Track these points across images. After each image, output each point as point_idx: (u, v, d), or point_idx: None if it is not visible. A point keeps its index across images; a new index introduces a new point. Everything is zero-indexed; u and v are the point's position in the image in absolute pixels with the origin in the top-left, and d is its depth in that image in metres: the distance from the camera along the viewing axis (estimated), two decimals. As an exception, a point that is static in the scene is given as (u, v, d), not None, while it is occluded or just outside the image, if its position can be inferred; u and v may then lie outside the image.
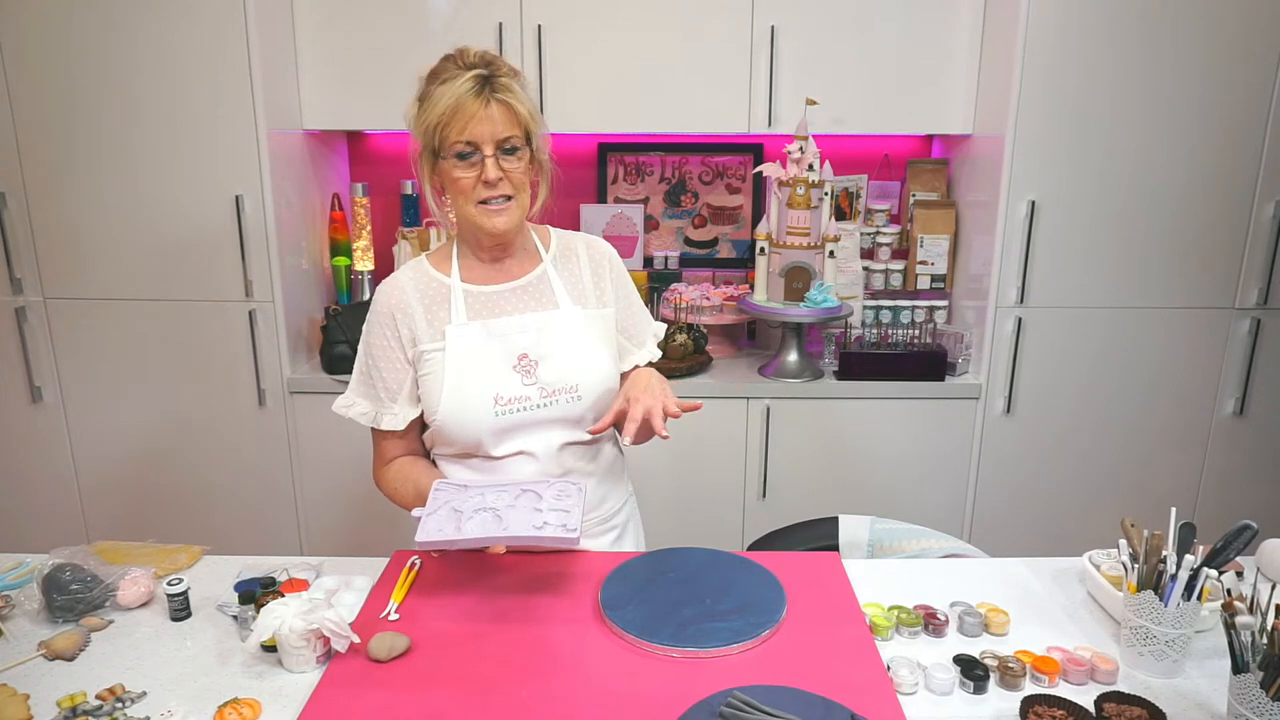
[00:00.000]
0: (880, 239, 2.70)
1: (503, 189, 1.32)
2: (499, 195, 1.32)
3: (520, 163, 1.32)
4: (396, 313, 1.39)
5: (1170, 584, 1.13)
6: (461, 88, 1.27)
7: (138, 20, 2.22)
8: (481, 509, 1.27)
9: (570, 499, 1.29)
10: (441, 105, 1.27)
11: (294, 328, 2.48)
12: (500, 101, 1.28)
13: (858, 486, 2.50)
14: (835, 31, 2.42)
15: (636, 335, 1.51)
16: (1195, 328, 2.43)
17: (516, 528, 1.23)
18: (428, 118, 1.29)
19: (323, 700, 1.09)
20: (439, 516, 1.26)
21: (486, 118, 1.28)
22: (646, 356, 1.52)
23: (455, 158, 1.30)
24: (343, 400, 1.44)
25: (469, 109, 1.27)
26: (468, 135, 1.28)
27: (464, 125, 1.27)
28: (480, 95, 1.27)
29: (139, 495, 2.53)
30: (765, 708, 1.02)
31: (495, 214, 1.33)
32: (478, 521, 1.24)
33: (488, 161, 1.29)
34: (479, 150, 1.29)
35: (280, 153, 2.37)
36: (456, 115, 1.27)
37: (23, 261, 2.38)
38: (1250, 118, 2.29)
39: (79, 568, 1.29)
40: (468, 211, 1.34)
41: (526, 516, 1.25)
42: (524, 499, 1.29)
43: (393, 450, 1.45)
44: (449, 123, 1.28)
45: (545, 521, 1.24)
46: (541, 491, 1.30)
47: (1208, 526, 1.17)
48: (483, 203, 1.33)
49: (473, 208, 1.33)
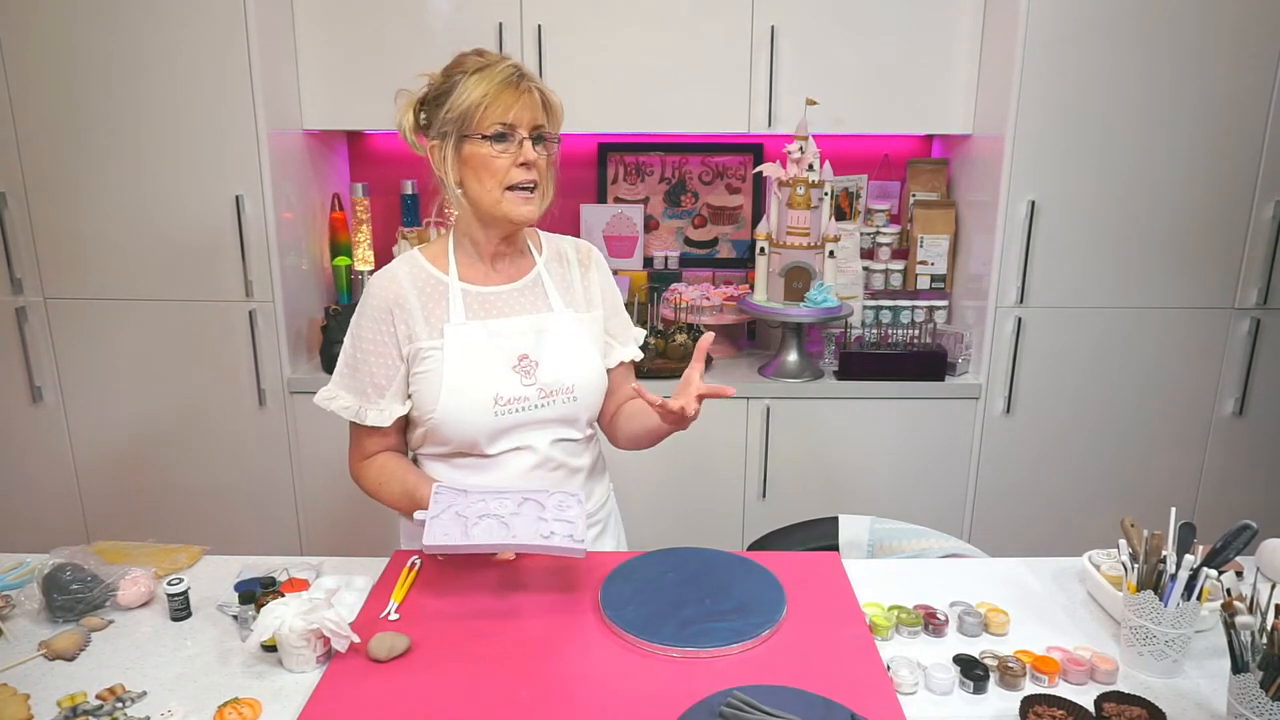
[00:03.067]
0: (880, 239, 2.70)
1: (532, 174, 1.33)
2: (530, 181, 1.33)
3: (548, 154, 1.35)
4: (394, 308, 1.36)
5: (1170, 584, 1.14)
6: (501, 73, 1.29)
7: (138, 20, 2.22)
8: (486, 515, 1.27)
9: (572, 510, 1.30)
10: (481, 88, 1.28)
11: (294, 328, 2.48)
12: (538, 90, 1.33)
13: (858, 486, 2.50)
14: (835, 31, 2.42)
15: (620, 335, 1.52)
16: (1195, 328, 2.43)
17: (524, 536, 1.24)
18: (463, 100, 1.29)
19: (323, 700, 1.09)
20: (444, 521, 1.26)
21: (527, 104, 1.31)
22: (631, 354, 1.52)
23: (490, 140, 1.30)
24: (325, 393, 1.40)
25: (510, 92, 1.29)
26: (508, 117, 1.29)
27: (506, 108, 1.29)
28: (521, 81, 1.31)
29: (139, 495, 2.53)
30: (765, 708, 1.02)
31: (524, 202, 1.33)
32: (484, 528, 1.25)
33: (525, 144, 1.31)
34: (515, 133, 1.31)
35: (280, 153, 2.37)
36: (499, 97, 1.29)
37: (23, 261, 2.39)
38: (1250, 118, 2.29)
39: (79, 568, 1.29)
40: (493, 197, 1.33)
41: (533, 525, 1.26)
42: (527, 507, 1.30)
43: (374, 445, 1.42)
44: (490, 104, 1.28)
45: (552, 531, 1.26)
46: (544, 501, 1.31)
47: (1207, 526, 1.17)
48: (511, 189, 1.32)
49: (500, 193, 1.32)
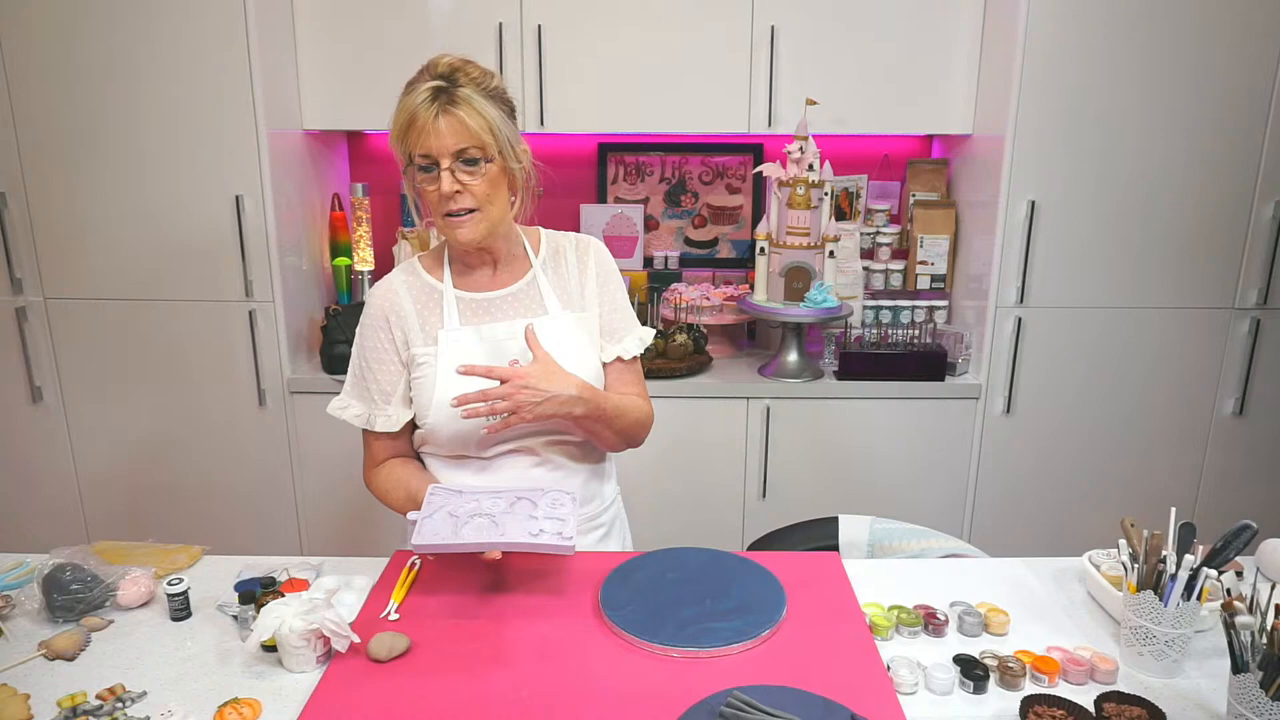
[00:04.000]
0: (880, 239, 2.70)
1: (462, 202, 1.30)
2: (460, 209, 1.31)
3: (482, 175, 1.29)
4: (390, 315, 1.40)
5: (1170, 584, 1.14)
6: (415, 100, 1.25)
7: (138, 20, 2.22)
8: (477, 514, 1.28)
9: (564, 508, 1.31)
10: (399, 118, 1.28)
11: (294, 328, 2.48)
12: (450, 114, 1.25)
13: (858, 486, 2.50)
14: (835, 31, 2.42)
15: (612, 332, 1.47)
16: (1195, 327, 2.43)
17: (513, 534, 1.25)
18: (392, 128, 1.29)
19: (323, 700, 1.09)
20: (435, 521, 1.27)
21: (435, 130, 1.25)
22: (617, 352, 1.47)
23: (419, 170, 1.30)
24: (337, 402, 1.44)
25: (419, 121, 1.25)
26: (421, 148, 1.27)
27: (417, 138, 1.26)
28: (430, 108, 1.25)
29: (139, 495, 2.53)
30: (765, 708, 1.02)
31: (457, 226, 1.33)
32: (474, 527, 1.26)
33: (443, 175, 1.27)
34: (436, 163, 1.28)
35: (280, 153, 2.37)
36: (410, 128, 1.27)
37: (23, 261, 2.38)
38: (1250, 118, 2.29)
39: (79, 568, 1.30)
40: (439, 221, 1.34)
41: (522, 524, 1.27)
42: (519, 506, 1.31)
43: (384, 452, 1.45)
44: (403, 136, 1.28)
45: (541, 529, 1.26)
46: (536, 500, 1.32)
47: (1207, 526, 1.17)
48: (446, 215, 1.32)
49: (440, 218, 1.33)
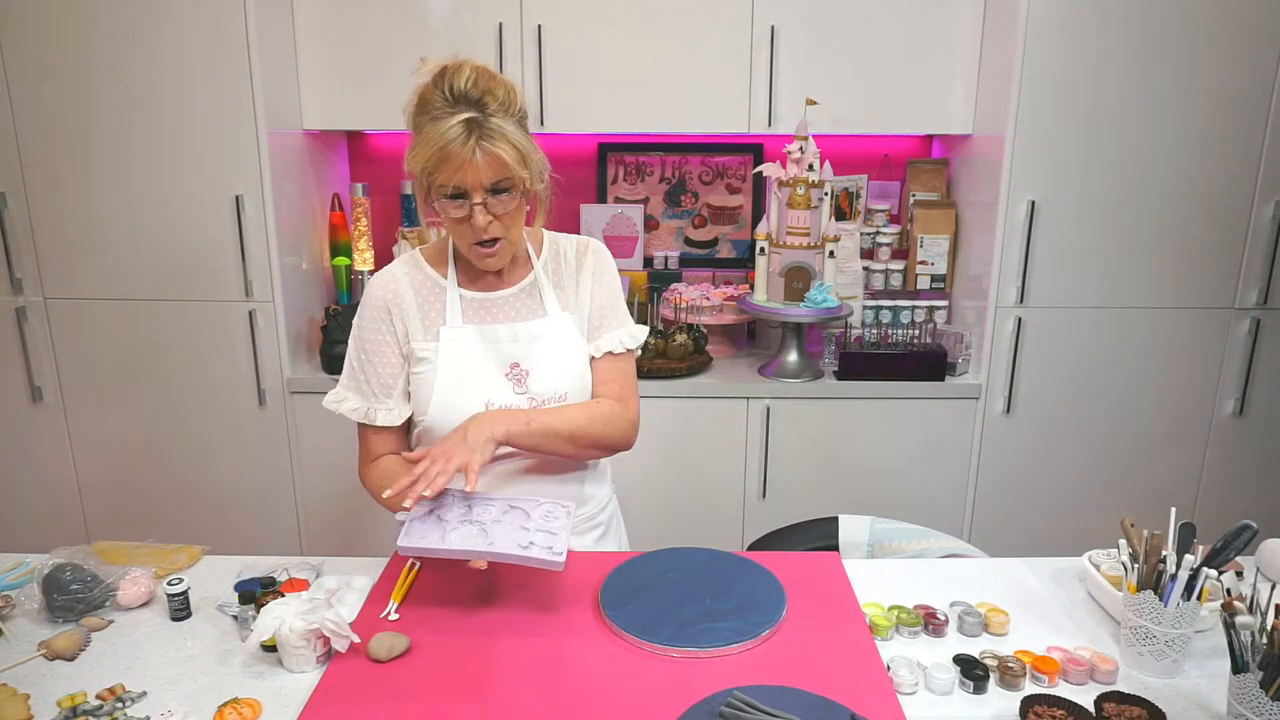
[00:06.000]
0: (880, 239, 2.70)
1: (493, 231, 1.29)
2: (490, 238, 1.30)
3: (512, 201, 1.28)
4: (391, 306, 1.38)
5: (1170, 584, 1.14)
6: (450, 133, 1.21)
7: (138, 20, 2.22)
8: (467, 520, 1.25)
9: (558, 521, 1.26)
10: (429, 150, 1.22)
11: (294, 328, 2.48)
12: (485, 149, 1.22)
13: (858, 486, 2.50)
14: (835, 31, 2.42)
15: (596, 327, 1.44)
16: (1195, 328, 2.43)
17: (501, 545, 1.21)
18: (420, 154, 1.24)
19: (323, 700, 1.09)
20: (423, 523, 1.24)
21: (472, 166, 1.22)
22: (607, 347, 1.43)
23: (448, 199, 1.27)
24: (333, 395, 1.42)
25: (455, 159, 1.22)
26: (455, 182, 1.24)
27: (451, 173, 1.23)
28: (467, 144, 1.21)
29: (139, 495, 2.53)
30: (765, 708, 1.02)
31: (488, 256, 1.33)
32: (462, 534, 1.23)
33: (476, 209, 1.26)
34: (469, 196, 1.26)
35: (280, 153, 2.37)
36: (444, 163, 1.22)
37: (23, 261, 2.38)
38: (1250, 118, 2.29)
39: (79, 568, 1.30)
40: (462, 245, 1.34)
41: (513, 535, 1.23)
42: (511, 515, 1.27)
43: (380, 447, 1.42)
44: (434, 170, 1.24)
45: (531, 542, 1.22)
46: (530, 510, 1.28)
47: (1207, 526, 1.17)
48: (476, 244, 1.31)
49: (466, 245, 1.32)
